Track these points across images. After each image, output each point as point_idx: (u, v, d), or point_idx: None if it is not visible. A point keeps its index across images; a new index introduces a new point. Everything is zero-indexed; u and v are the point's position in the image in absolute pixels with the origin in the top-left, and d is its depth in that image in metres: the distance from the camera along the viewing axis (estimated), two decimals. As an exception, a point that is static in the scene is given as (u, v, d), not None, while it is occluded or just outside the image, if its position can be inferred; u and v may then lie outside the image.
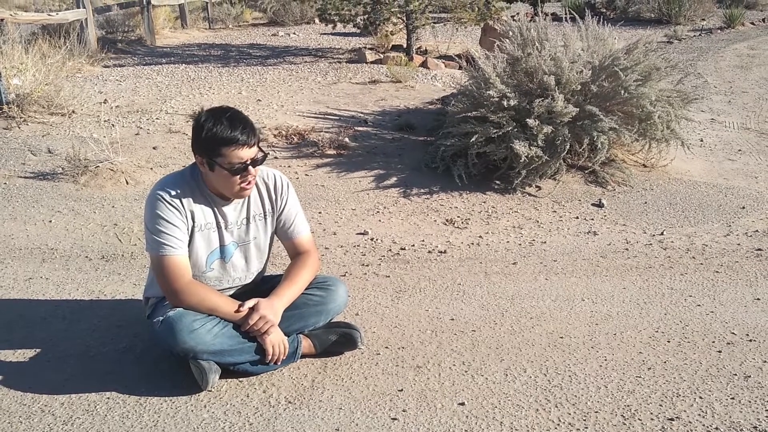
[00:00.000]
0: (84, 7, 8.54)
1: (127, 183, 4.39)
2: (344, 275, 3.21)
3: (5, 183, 4.36)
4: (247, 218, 2.37)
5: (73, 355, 2.46)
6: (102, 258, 3.39)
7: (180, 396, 2.19)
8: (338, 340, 2.41)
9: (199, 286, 2.26)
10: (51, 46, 6.84)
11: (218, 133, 2.13)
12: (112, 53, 9.02)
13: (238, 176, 2.19)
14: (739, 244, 3.58)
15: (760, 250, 3.48)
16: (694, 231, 3.79)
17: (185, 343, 2.14)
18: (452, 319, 2.75)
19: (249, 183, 2.23)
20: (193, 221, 2.26)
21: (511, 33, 4.99)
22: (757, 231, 3.76)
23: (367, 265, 3.34)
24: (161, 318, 2.22)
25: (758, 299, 2.92)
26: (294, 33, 11.83)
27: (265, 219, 2.41)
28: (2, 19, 6.76)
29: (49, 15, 8.31)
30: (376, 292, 3.02)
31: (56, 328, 2.66)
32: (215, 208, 2.31)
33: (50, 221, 3.84)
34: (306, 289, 2.37)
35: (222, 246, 2.34)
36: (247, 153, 2.17)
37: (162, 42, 10.59)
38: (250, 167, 2.20)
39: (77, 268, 3.26)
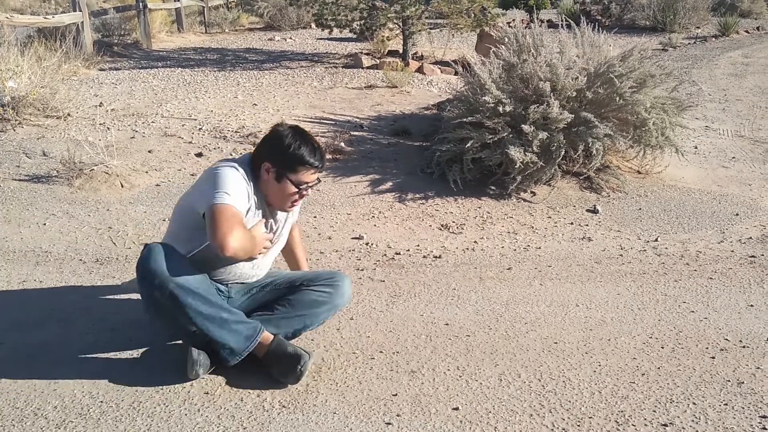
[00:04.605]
0: (80, 11, 8.55)
1: (122, 186, 4.38)
2: (339, 280, 3.21)
3: (-1, 185, 4.35)
4: (285, 221, 2.56)
5: (66, 358, 2.45)
6: (96, 261, 3.38)
7: (174, 400, 2.18)
8: (292, 353, 2.29)
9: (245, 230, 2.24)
10: (47, 49, 6.82)
11: (303, 155, 2.32)
12: (108, 56, 9.02)
13: (297, 194, 2.37)
14: (732, 251, 3.59)
15: (753, 257, 3.50)
16: (688, 237, 3.81)
17: (160, 265, 2.13)
18: (447, 324, 2.75)
19: (298, 202, 2.42)
20: (248, 208, 2.33)
21: (506, 39, 5.00)
22: (750, 238, 3.78)
23: (362, 270, 3.34)
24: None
25: (752, 306, 2.93)
26: (290, 38, 11.85)
27: (286, 220, 2.57)
28: (-2, 22, 6.76)
29: (45, 18, 8.30)
30: (371, 297, 3.02)
31: (49, 332, 2.64)
32: (265, 207, 2.42)
33: (44, 224, 3.83)
34: (314, 286, 2.50)
35: None
36: (313, 177, 2.39)
37: (158, 46, 10.60)
38: (309, 188, 2.41)
39: (71, 271, 3.25)
